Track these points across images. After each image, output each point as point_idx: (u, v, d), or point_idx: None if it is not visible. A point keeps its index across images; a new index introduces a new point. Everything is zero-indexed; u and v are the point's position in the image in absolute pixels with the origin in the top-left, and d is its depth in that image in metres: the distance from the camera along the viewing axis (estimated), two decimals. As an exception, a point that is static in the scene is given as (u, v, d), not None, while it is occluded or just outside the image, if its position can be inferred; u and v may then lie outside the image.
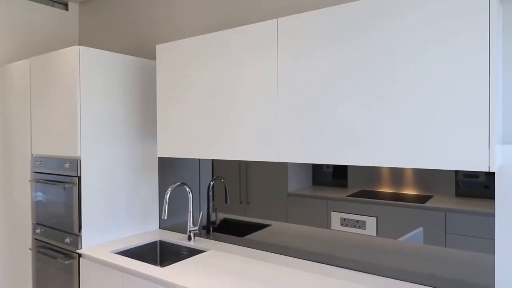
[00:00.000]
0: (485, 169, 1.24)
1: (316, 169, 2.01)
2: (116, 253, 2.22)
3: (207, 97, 2.02)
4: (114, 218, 2.43)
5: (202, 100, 2.04)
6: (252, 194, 2.26)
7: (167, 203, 2.27)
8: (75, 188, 2.26)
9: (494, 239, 1.51)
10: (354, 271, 1.85)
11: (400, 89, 1.43)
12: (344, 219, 1.90)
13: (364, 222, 1.84)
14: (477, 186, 1.55)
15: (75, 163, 2.27)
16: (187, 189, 2.43)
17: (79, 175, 2.25)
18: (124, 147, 2.47)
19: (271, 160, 1.76)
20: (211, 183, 2.47)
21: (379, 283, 1.70)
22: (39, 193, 2.54)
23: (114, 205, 2.43)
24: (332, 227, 1.93)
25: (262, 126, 1.80)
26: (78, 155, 2.25)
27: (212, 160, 2.46)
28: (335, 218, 1.93)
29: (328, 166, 1.96)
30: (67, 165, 2.32)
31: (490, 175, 1.53)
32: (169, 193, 2.29)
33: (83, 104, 2.25)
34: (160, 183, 2.70)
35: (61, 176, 2.37)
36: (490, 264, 1.53)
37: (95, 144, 2.32)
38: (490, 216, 1.52)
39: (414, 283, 1.70)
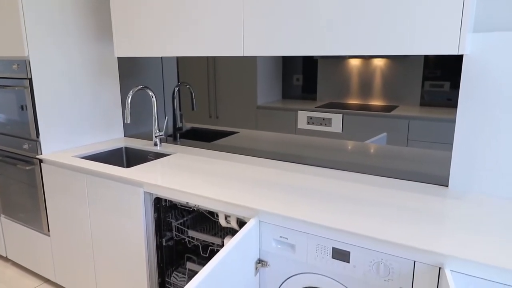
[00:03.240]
0: (454, 52, 1.21)
1: (286, 82, 1.95)
2: (79, 158, 2.16)
3: (165, -13, 1.82)
4: (74, 124, 2.32)
5: (160, -10, 1.84)
6: (221, 109, 2.20)
7: (129, 107, 2.17)
8: (27, 92, 2.10)
9: (452, 144, 1.55)
10: (320, 167, 1.89)
11: (375, -32, 1.31)
12: (311, 118, 1.89)
13: (330, 119, 1.83)
14: (441, 96, 1.57)
15: (24, 64, 2.08)
16: (150, 93, 2.32)
17: (29, 77, 2.08)
18: (78, 47, 2.27)
19: (236, 55, 1.67)
20: (176, 89, 2.36)
21: (344, 176, 1.76)
22: (-12, 99, 2.36)
23: (73, 111, 2.30)
24: (299, 126, 1.93)
25: (226, 17, 1.67)
26: (26, 55, 2.05)
27: (177, 65, 2.32)
28: (302, 117, 1.91)
29: (298, 79, 1.91)
30: (15, 66, 2.13)
31: (454, 88, 1.53)
32: (130, 96, 2.18)
33: (24, -4, 1.99)
34: (122, 89, 2.57)
35: (10, 80, 2.19)
36: (447, 160, 1.58)
37: (45, 43, 2.11)
38: (451, 122, 1.55)
39: (377, 175, 1.76)
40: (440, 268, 1.08)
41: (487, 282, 1.02)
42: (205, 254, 1.96)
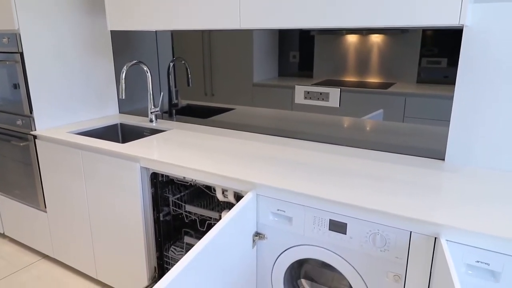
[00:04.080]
0: (455, 22, 1.19)
1: (282, 59, 1.92)
2: (73, 134, 2.14)
3: (159, -44, 1.76)
4: (68, 100, 2.29)
5: (154, -40, 1.78)
6: (217, 86, 2.17)
7: (123, 82, 2.13)
8: (19, 66, 2.06)
9: (448, 120, 1.55)
10: (318, 143, 1.89)
11: None
12: (308, 92, 1.87)
13: (327, 94, 1.82)
14: (438, 73, 1.55)
15: (14, 37, 2.03)
16: (145, 68, 2.28)
17: (20, 51, 2.03)
18: (70, 20, 2.21)
19: (233, 27, 1.63)
20: (171, 64, 2.32)
21: (341, 150, 1.76)
22: (-21, 75, 2.31)
23: (66, 86, 2.26)
24: (296, 101, 1.91)
25: (222, -12, 1.62)
26: (16, 28, 1.99)
27: (172, 40, 2.27)
28: (299, 91, 1.89)
29: (294, 56, 1.88)
30: (5, 40, 2.07)
31: (451, 65, 1.51)
32: (124, 71, 2.14)
33: (12, -34, 1.92)
34: (116, 64, 2.52)
35: (1, 54, 2.13)
36: (443, 135, 1.58)
37: (36, 16, 2.05)
38: (447, 99, 1.54)
39: (374, 150, 1.76)
40: (436, 238, 1.09)
41: (483, 251, 1.04)
42: (202, 228, 1.98)
